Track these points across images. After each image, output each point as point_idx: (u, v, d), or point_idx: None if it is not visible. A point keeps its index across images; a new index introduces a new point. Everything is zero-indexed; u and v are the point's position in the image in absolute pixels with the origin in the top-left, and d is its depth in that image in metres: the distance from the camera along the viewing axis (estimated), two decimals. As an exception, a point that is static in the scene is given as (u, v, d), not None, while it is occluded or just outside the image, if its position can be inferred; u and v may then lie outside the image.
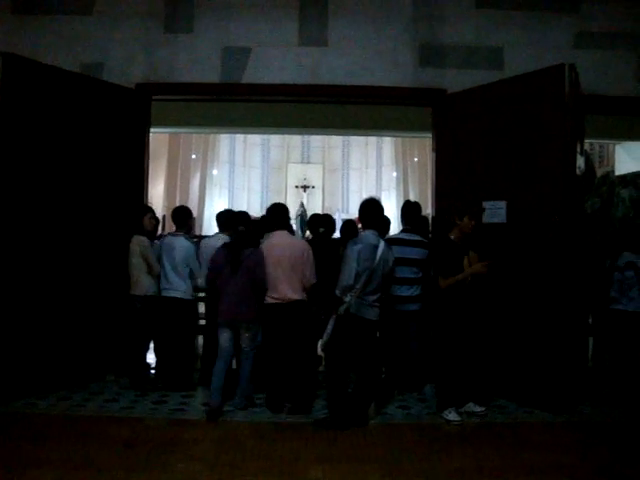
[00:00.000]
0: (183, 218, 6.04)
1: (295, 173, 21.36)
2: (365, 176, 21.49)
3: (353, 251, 4.72)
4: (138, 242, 5.76)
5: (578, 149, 5.33)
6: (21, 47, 5.91)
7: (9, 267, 5.26)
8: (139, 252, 5.73)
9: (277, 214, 5.36)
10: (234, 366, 5.34)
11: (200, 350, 6.25)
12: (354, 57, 6.41)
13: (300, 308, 5.13)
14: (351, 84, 6.35)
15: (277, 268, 5.10)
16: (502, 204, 5.55)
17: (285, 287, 5.09)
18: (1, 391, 5.18)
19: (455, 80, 6.27)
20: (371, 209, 5.00)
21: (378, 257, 4.72)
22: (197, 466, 3.97)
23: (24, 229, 5.37)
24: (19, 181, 5.35)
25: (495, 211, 5.60)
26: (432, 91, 6.29)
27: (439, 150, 6.30)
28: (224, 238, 5.67)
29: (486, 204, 5.65)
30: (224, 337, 5.16)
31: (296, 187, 21.14)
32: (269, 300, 5.11)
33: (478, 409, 5.10)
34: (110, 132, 6.06)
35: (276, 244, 5.20)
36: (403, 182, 19.94)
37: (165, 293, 5.76)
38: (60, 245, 5.62)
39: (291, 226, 6.01)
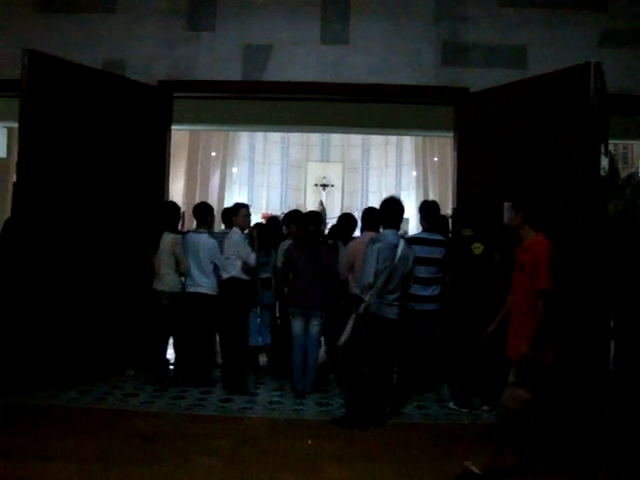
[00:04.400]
0: (205, 214, 6.08)
1: (314, 171, 21.34)
2: (385, 175, 21.41)
3: (373, 250, 4.72)
4: (170, 239, 5.81)
5: (602, 150, 5.26)
6: (46, 45, 5.96)
7: (35, 262, 5.33)
8: (170, 249, 5.78)
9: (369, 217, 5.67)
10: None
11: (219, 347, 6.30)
12: (376, 55, 6.39)
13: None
14: (372, 82, 6.33)
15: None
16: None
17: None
18: (24, 383, 5.27)
19: (477, 79, 6.22)
20: (391, 208, 5.00)
21: (398, 256, 4.72)
22: (216, 461, 3.99)
23: (50, 226, 5.44)
24: (43, 178, 5.42)
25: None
26: (454, 90, 6.25)
27: (461, 149, 6.26)
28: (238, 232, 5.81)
29: (507, 204, 5.59)
30: (298, 326, 5.61)
31: (315, 185, 21.12)
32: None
33: (485, 408, 5.14)
34: (132, 129, 6.11)
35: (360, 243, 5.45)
36: (423, 182, 19.86)
37: (189, 289, 5.82)
38: (83, 241, 5.68)
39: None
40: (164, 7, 6.48)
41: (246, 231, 5.86)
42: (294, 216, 6.43)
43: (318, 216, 6.08)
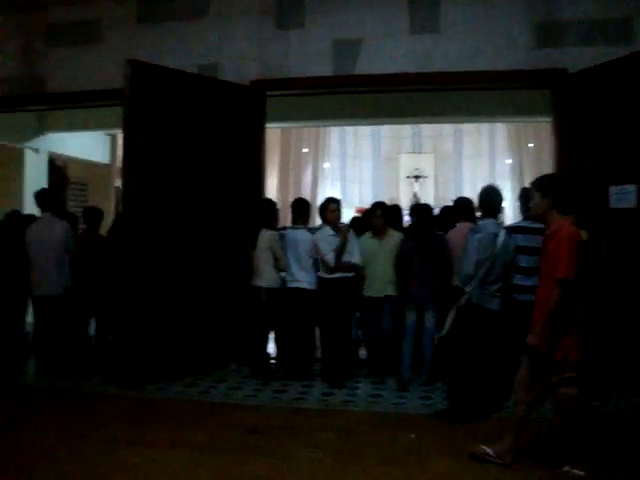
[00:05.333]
0: (303, 210, 6.15)
1: (407, 163, 21.05)
2: (478, 164, 20.86)
3: (473, 240, 4.63)
4: (267, 236, 5.93)
5: None
6: (145, 54, 6.25)
7: (143, 261, 5.58)
8: (268, 245, 5.90)
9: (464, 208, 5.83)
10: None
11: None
12: (467, 42, 6.22)
13: None
14: (465, 70, 6.17)
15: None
16: (632, 188, 5.21)
17: None
18: (135, 377, 5.55)
19: (575, 59, 5.92)
20: (490, 197, 4.88)
21: (499, 246, 4.60)
22: (319, 454, 4.03)
23: (155, 225, 5.68)
24: (147, 180, 5.66)
25: (624, 196, 5.27)
26: (551, 72, 5.99)
27: (560, 134, 6.00)
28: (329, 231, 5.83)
29: (613, 189, 5.33)
30: (411, 318, 5.64)
31: (408, 177, 20.87)
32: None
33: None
34: (228, 129, 6.27)
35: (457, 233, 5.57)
36: (518, 169, 19.22)
37: (289, 285, 5.91)
38: (187, 239, 5.89)
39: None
40: (253, 8, 6.60)
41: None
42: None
43: (429, 208, 6.00)
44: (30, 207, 8.63)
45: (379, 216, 5.94)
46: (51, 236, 5.94)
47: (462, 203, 5.96)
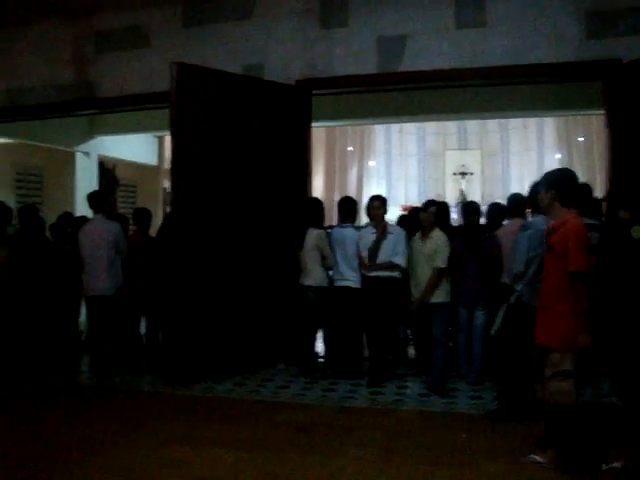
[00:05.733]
0: (350, 209, 6.15)
1: (452, 160, 20.85)
2: (526, 160, 20.48)
3: (523, 237, 4.53)
4: (315, 235, 5.94)
5: None
6: (191, 56, 6.35)
7: (193, 262, 5.65)
8: (315, 244, 5.91)
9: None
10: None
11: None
12: (515, 35, 6.07)
13: None
14: (512, 64, 6.02)
15: None
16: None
17: None
18: (186, 375, 5.63)
19: (629, 48, 5.71)
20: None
21: (550, 243, 4.49)
22: (369, 452, 4.02)
23: (204, 225, 5.75)
24: (195, 180, 5.73)
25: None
26: (604, 63, 5.81)
27: (613, 126, 5.81)
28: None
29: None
30: (463, 313, 5.70)
31: (454, 174, 20.66)
32: None
33: None
34: (274, 129, 6.29)
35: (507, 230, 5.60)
36: (568, 164, 18.81)
37: (337, 283, 5.91)
38: (235, 239, 5.94)
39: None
40: (297, 8, 6.61)
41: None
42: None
43: (477, 206, 5.94)
44: (81, 209, 8.88)
45: (430, 214, 5.60)
46: (103, 237, 6.06)
47: (514, 199, 5.88)
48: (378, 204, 5.85)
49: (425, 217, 5.61)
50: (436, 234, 5.58)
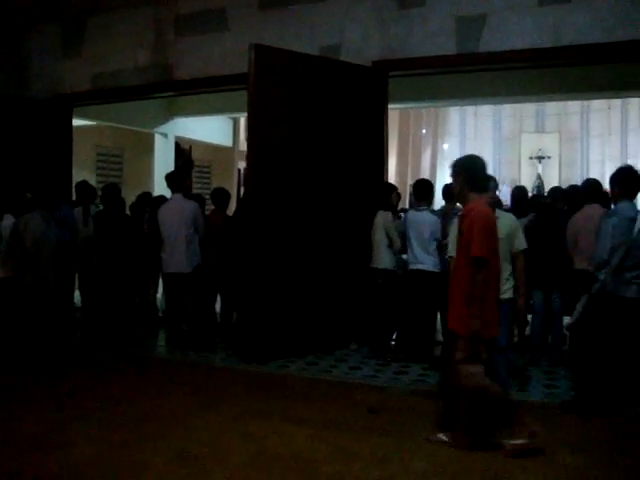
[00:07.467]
0: (426, 192, 6.08)
1: (529, 143, 20.27)
2: (607, 143, 19.67)
3: (607, 224, 4.37)
4: (382, 217, 5.93)
5: None
6: (268, 38, 6.39)
7: (269, 242, 5.74)
8: (382, 227, 5.89)
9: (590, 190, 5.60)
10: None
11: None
12: (602, 11, 5.73)
13: None
14: (599, 42, 5.72)
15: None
16: None
17: None
18: (260, 353, 5.75)
19: None
20: (628, 177, 4.58)
21: (637, 230, 4.31)
22: (440, 436, 3.98)
23: (280, 207, 5.82)
24: (271, 161, 5.79)
25: None
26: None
27: None
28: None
29: None
30: (538, 298, 5.75)
31: (530, 158, 20.08)
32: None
33: None
34: (350, 110, 6.27)
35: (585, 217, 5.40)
36: (654, 148, 17.95)
37: (411, 266, 5.88)
38: (311, 221, 6.00)
39: None
40: (374, -12, 6.54)
41: None
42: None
43: (560, 190, 6.07)
44: (159, 189, 9.14)
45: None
46: (182, 216, 6.23)
47: (589, 185, 5.71)
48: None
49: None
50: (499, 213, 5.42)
